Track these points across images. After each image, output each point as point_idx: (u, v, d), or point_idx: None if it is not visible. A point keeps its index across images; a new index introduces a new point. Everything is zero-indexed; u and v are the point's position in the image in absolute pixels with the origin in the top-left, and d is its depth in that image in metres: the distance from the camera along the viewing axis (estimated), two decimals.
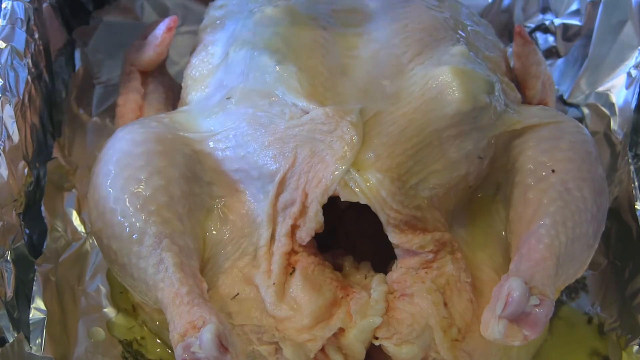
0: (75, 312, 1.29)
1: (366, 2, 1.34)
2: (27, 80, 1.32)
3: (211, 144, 1.18)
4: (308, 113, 1.12)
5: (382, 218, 1.08)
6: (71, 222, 1.39)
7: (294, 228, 1.11)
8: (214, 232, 1.16)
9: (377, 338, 1.07)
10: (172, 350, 1.04)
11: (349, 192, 1.07)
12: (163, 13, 1.74)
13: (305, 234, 1.10)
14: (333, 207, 1.12)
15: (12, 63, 1.29)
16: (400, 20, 1.27)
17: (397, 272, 1.11)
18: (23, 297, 1.21)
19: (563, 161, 1.14)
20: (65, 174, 1.45)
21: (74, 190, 1.43)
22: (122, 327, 1.29)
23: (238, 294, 1.11)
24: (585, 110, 1.54)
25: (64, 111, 1.53)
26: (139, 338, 1.28)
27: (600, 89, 1.51)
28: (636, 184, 1.31)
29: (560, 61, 1.65)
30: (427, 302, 1.07)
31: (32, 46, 1.37)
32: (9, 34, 1.33)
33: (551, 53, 1.66)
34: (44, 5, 1.50)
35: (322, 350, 1.08)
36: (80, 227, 1.39)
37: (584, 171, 1.15)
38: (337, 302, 1.09)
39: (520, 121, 1.19)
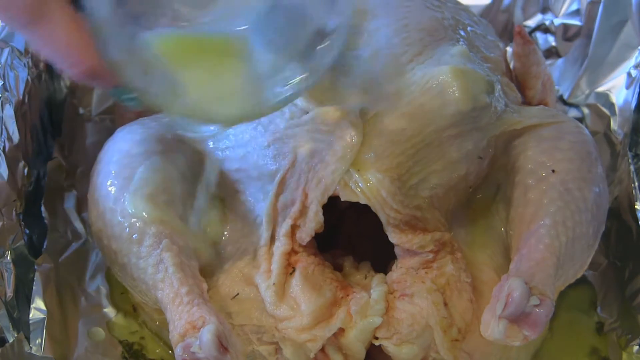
0: (75, 312, 1.29)
1: (366, 2, 1.34)
2: (27, 80, 1.32)
3: (211, 144, 1.18)
4: (308, 113, 1.12)
5: (382, 218, 1.08)
6: (71, 222, 1.39)
7: (294, 228, 1.11)
8: (214, 232, 1.16)
9: (377, 338, 1.07)
10: (172, 351, 1.04)
11: (349, 192, 1.07)
12: None
13: (305, 234, 1.10)
14: (333, 207, 1.12)
15: (12, 63, 1.29)
16: (400, 20, 1.27)
17: (397, 272, 1.11)
18: (23, 297, 1.21)
19: (563, 161, 1.14)
20: (65, 174, 1.45)
21: (74, 190, 1.43)
22: (122, 328, 1.29)
23: (238, 294, 1.11)
24: (585, 110, 1.54)
25: (64, 111, 1.53)
26: (139, 338, 1.28)
27: (600, 89, 1.51)
28: (636, 184, 1.30)
29: (560, 61, 1.65)
30: (427, 302, 1.07)
31: None
32: (9, 34, 1.33)
33: (551, 53, 1.66)
34: None
35: (322, 350, 1.09)
36: (80, 227, 1.39)
37: (584, 171, 1.15)
38: (337, 302, 1.09)
39: (520, 121, 1.19)
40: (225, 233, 1.16)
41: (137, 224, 1.09)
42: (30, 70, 1.34)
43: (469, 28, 1.34)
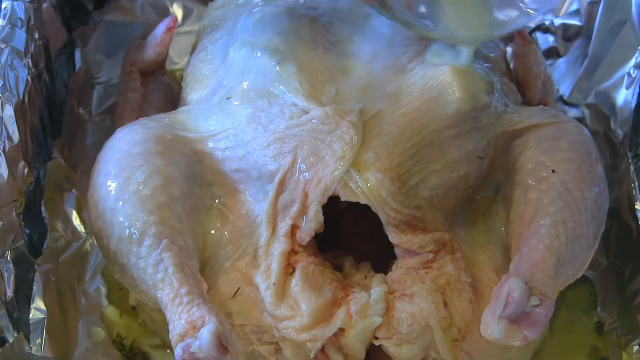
0: (75, 312, 1.29)
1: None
2: (27, 80, 1.32)
3: (211, 144, 1.18)
4: (308, 113, 1.12)
5: (382, 218, 1.08)
6: (71, 222, 1.39)
7: (293, 228, 1.11)
8: (213, 232, 1.16)
9: (377, 338, 1.07)
10: (171, 351, 1.04)
11: (349, 192, 1.07)
12: (163, 13, 1.74)
13: (305, 234, 1.10)
14: (333, 207, 1.12)
15: (12, 63, 1.29)
16: None
17: (397, 272, 1.11)
18: (23, 297, 1.21)
19: (563, 161, 1.14)
20: (65, 174, 1.44)
21: (74, 190, 1.43)
22: (122, 327, 1.28)
23: (238, 293, 1.11)
24: (585, 110, 1.53)
25: (64, 111, 1.53)
26: (138, 338, 1.28)
27: (600, 89, 1.51)
28: (636, 184, 1.30)
29: (560, 61, 1.65)
30: (427, 302, 1.07)
31: (32, 46, 1.37)
32: (9, 34, 1.32)
33: (551, 53, 1.66)
34: (44, 5, 1.50)
35: (322, 350, 1.09)
36: (80, 227, 1.39)
37: (584, 171, 1.15)
38: (337, 302, 1.09)
39: (520, 121, 1.19)
40: (225, 233, 1.16)
41: (137, 224, 1.09)
42: (30, 70, 1.34)
43: None
